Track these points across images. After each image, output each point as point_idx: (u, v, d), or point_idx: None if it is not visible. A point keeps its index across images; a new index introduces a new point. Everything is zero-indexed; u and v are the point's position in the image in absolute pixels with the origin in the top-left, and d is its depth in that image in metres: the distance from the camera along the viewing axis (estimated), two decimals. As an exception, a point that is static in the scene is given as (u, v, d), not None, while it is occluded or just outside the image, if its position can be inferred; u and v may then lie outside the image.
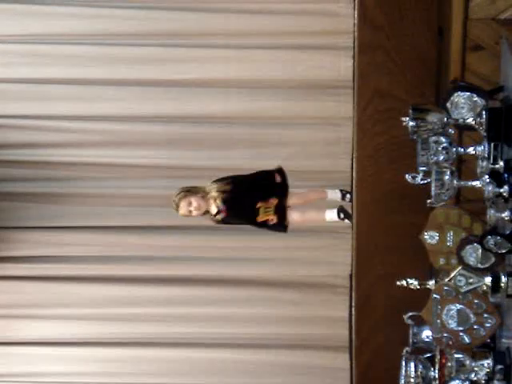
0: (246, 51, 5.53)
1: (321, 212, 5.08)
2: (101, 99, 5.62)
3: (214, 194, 4.86)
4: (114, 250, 5.81)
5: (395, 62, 4.94)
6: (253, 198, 4.86)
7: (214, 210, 4.87)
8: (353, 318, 5.26)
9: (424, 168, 4.01)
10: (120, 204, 5.80)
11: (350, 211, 5.06)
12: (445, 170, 3.96)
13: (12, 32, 5.50)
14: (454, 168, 4.00)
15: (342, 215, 5.04)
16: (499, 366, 3.94)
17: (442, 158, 3.95)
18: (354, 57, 5.20)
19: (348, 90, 5.34)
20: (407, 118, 3.92)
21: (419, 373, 4.08)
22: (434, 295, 4.06)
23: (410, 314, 4.25)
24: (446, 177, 3.97)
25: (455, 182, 3.99)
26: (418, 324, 4.29)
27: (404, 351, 4.22)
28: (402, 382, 4.12)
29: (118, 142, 5.70)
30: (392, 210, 4.98)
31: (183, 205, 4.85)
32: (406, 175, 4.03)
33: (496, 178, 3.87)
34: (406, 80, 4.91)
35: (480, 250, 3.88)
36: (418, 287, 4.20)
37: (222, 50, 5.54)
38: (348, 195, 5.07)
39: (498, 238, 3.79)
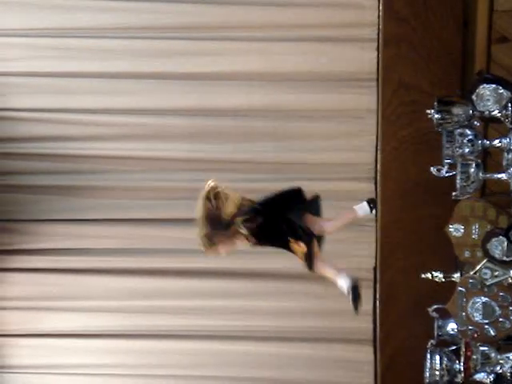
0: (268, 44, 5.52)
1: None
2: (124, 92, 5.63)
3: (240, 231, 4.57)
4: (138, 243, 5.81)
5: (420, 54, 4.92)
6: (282, 233, 4.62)
7: (243, 243, 4.60)
8: (377, 310, 5.26)
9: (449, 160, 4.00)
10: (142, 197, 5.80)
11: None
12: (470, 162, 3.96)
13: (35, 26, 5.52)
14: (479, 160, 4.00)
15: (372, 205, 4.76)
16: (526, 360, 3.94)
17: (467, 150, 3.94)
18: (378, 49, 5.19)
19: (372, 82, 5.32)
20: (432, 111, 3.92)
21: (444, 365, 4.08)
22: (459, 288, 4.06)
23: (435, 306, 4.25)
24: (472, 169, 3.97)
25: (480, 174, 3.99)
26: (442, 317, 4.28)
27: (429, 344, 4.22)
28: (427, 374, 4.12)
29: (140, 135, 5.71)
30: (417, 202, 4.97)
31: (211, 252, 4.52)
32: (431, 168, 4.03)
33: (523, 171, 3.86)
34: (431, 72, 4.90)
35: (505, 243, 3.88)
36: (443, 280, 4.20)
37: (244, 42, 5.54)
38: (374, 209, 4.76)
39: (524, 230, 3.78)
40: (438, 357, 4.11)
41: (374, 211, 4.59)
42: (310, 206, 4.49)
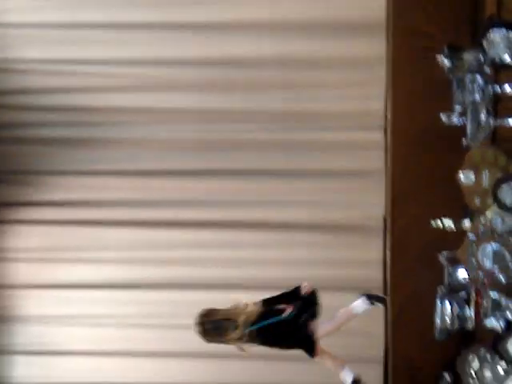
0: (277, -8, 5.48)
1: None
2: (132, 43, 5.62)
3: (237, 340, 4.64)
4: (150, 195, 5.82)
5: (430, 1, 4.86)
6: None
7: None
8: (387, 259, 5.26)
9: (460, 107, 3.99)
10: (153, 148, 5.80)
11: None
12: (481, 109, 3.94)
13: None
14: (490, 107, 3.98)
15: (373, 301, 4.72)
16: (535, 305, 3.95)
17: (477, 97, 3.93)
18: (387, -6, 5.14)
19: (381, 29, 5.27)
20: (442, 57, 3.89)
21: (455, 312, 4.10)
22: (470, 235, 4.07)
23: (446, 253, 4.26)
24: (482, 116, 3.95)
25: (491, 121, 3.98)
26: (452, 264, 4.30)
27: (439, 291, 4.24)
28: (438, 321, 4.15)
29: (149, 86, 5.71)
30: (427, 150, 4.93)
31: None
32: (442, 115, 4.01)
33: (532, 117, 3.85)
34: (441, 18, 4.84)
35: (516, 192, 3.88)
36: (454, 228, 4.21)
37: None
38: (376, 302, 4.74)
39: (535, 176, 3.78)
40: (448, 303, 4.14)
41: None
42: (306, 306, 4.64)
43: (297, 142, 5.70)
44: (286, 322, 4.57)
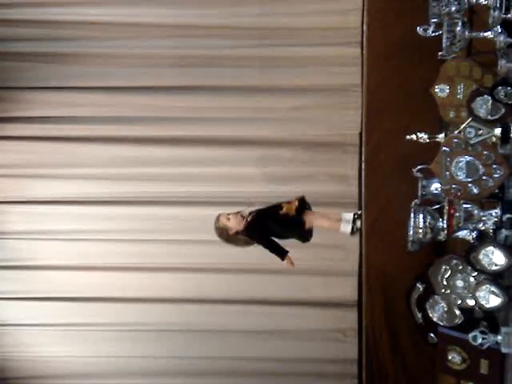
0: None
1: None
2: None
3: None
4: (125, 111, 5.80)
5: None
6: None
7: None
8: (362, 172, 5.29)
9: (436, 20, 3.97)
10: (130, 64, 5.75)
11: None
12: (456, 21, 3.93)
13: None
14: (465, 19, 3.96)
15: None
16: (507, 216, 4.00)
17: (453, 8, 3.90)
18: None
19: None
20: (417, -32, 3.86)
21: (428, 223, 4.15)
22: (444, 148, 4.09)
23: (420, 166, 4.29)
24: (458, 28, 3.94)
25: (467, 33, 3.96)
26: (427, 177, 4.34)
27: (413, 203, 4.29)
28: (411, 232, 4.19)
29: (125, 0, 5.62)
30: (402, 64, 4.92)
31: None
32: (418, 28, 4.00)
33: (508, 27, 3.84)
34: None
35: (490, 102, 3.89)
36: (428, 141, 4.23)
37: None
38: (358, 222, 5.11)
39: (509, 88, 3.79)
40: (421, 215, 4.17)
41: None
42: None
43: (273, 57, 5.67)
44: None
